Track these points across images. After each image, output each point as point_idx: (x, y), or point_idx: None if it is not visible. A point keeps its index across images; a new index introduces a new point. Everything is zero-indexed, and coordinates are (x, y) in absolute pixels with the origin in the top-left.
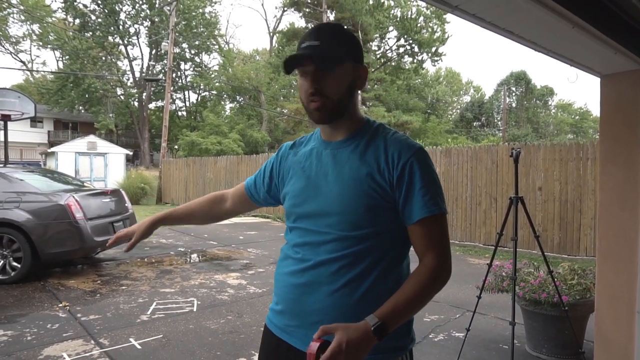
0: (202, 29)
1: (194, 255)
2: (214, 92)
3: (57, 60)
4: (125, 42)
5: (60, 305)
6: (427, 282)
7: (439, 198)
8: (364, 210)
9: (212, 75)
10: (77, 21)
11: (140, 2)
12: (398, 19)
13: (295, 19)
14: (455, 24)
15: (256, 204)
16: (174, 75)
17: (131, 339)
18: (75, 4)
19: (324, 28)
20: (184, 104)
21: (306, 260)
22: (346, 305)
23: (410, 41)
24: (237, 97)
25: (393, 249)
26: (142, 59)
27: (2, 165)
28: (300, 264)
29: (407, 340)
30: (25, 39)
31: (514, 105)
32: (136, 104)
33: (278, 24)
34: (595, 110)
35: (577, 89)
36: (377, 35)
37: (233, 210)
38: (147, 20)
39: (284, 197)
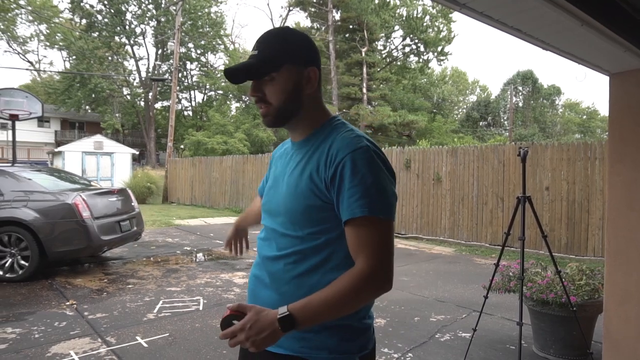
0: (207, 29)
1: (200, 255)
2: (220, 91)
3: (64, 61)
4: (132, 42)
5: (68, 303)
6: (349, 286)
7: (372, 200)
8: (303, 210)
9: (218, 75)
10: (84, 21)
11: (147, 2)
12: (404, 18)
13: (301, 19)
14: (461, 23)
15: None
16: (180, 75)
17: (138, 337)
18: (82, 4)
19: (265, 35)
20: (190, 104)
21: (261, 255)
22: (292, 302)
23: (416, 40)
24: (243, 97)
25: (342, 249)
26: (148, 58)
27: (10, 165)
28: (258, 258)
29: (351, 346)
30: (32, 39)
31: (520, 104)
32: (142, 103)
33: (284, 23)
34: (603, 110)
35: (585, 88)
36: (383, 34)
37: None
38: (153, 20)
39: None
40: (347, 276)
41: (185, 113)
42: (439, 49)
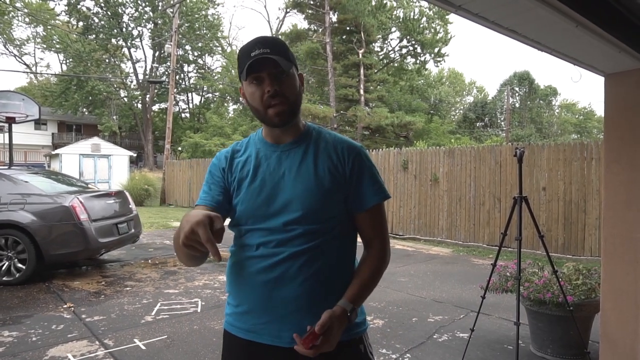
0: (205, 31)
1: None
2: (217, 93)
3: (61, 63)
4: (129, 44)
5: (65, 306)
6: (381, 265)
7: (382, 186)
8: (326, 203)
9: (215, 77)
10: (81, 24)
11: (144, 5)
12: (401, 20)
13: (298, 21)
14: (458, 25)
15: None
16: (177, 77)
17: (136, 340)
18: (78, 7)
19: (268, 39)
20: (187, 106)
21: (275, 255)
22: (316, 292)
23: (413, 42)
24: (240, 99)
25: (348, 237)
26: (145, 61)
27: (6, 167)
28: (269, 260)
29: (364, 315)
30: (29, 41)
31: (517, 105)
32: (140, 106)
33: (281, 25)
34: (600, 110)
35: (581, 88)
36: (380, 36)
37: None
38: (150, 22)
39: (235, 204)
40: (378, 257)
41: (183, 115)
42: (436, 50)
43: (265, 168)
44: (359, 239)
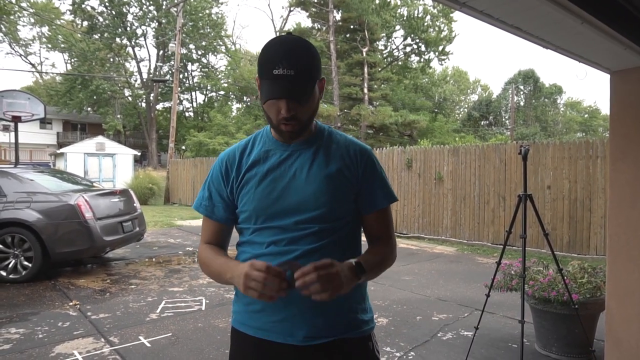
0: (208, 30)
1: None
2: (221, 92)
3: (66, 63)
4: (133, 43)
5: (71, 304)
6: (389, 254)
7: (391, 190)
8: (337, 202)
9: (219, 76)
10: (85, 23)
11: (148, 4)
12: (405, 18)
13: (302, 19)
14: (462, 22)
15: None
16: (181, 76)
17: (141, 337)
18: (83, 6)
19: (295, 53)
20: (191, 105)
21: (288, 253)
22: None
23: (417, 40)
24: (244, 98)
25: (356, 235)
26: (149, 60)
27: (12, 166)
28: (281, 257)
29: (372, 313)
30: (34, 41)
31: (522, 103)
32: (144, 105)
33: (284, 24)
34: (605, 108)
35: (587, 86)
36: (384, 34)
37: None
38: (154, 21)
39: (241, 201)
40: (388, 247)
41: (187, 114)
42: (440, 48)
43: (275, 167)
44: (361, 238)
